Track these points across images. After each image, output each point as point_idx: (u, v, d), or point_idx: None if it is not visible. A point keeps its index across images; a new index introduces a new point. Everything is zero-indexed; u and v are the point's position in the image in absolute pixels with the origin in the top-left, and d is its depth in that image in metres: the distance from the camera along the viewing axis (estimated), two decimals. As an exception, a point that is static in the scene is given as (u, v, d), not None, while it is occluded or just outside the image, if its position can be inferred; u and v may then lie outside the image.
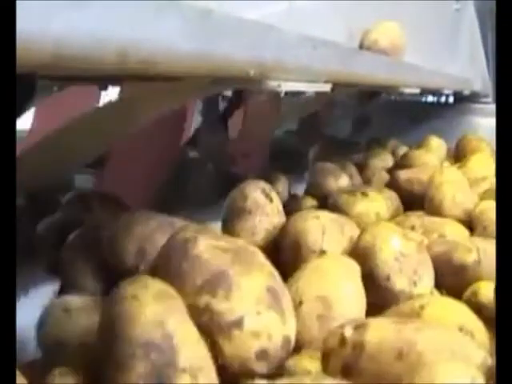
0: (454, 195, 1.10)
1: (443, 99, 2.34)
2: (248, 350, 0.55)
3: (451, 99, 2.32)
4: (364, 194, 1.12)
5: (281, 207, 0.95)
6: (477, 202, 1.11)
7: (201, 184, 1.57)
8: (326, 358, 0.60)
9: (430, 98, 2.40)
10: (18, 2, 0.30)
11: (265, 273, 0.60)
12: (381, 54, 1.00)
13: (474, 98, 2.21)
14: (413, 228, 0.99)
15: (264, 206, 0.91)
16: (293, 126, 2.19)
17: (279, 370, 0.58)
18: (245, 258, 0.60)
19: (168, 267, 0.60)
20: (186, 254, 0.59)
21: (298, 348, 0.64)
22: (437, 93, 2.15)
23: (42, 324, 0.66)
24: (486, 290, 0.74)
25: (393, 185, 1.30)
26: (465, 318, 0.65)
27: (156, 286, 0.54)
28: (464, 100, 2.22)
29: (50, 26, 0.31)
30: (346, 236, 0.87)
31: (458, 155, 1.68)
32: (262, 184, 0.93)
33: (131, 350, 0.49)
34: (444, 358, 0.53)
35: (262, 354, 0.55)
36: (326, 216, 0.87)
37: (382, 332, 0.56)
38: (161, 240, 0.67)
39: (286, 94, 0.62)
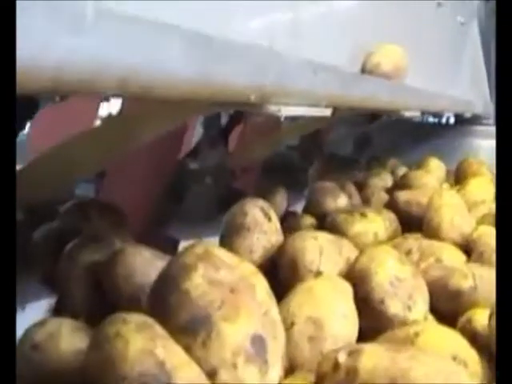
0: (452, 219, 1.10)
1: (444, 120, 2.35)
2: None
3: (452, 120, 2.32)
4: (363, 215, 1.12)
5: (279, 226, 0.95)
6: (475, 227, 1.11)
7: (200, 197, 1.57)
8: (319, 382, 0.60)
9: (431, 119, 2.40)
10: (18, 27, 0.30)
11: (254, 317, 0.57)
12: (383, 77, 1.01)
13: (475, 119, 2.22)
14: (410, 251, 0.99)
15: (262, 224, 0.91)
16: (294, 142, 2.19)
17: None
18: (237, 298, 0.57)
19: (160, 297, 0.59)
20: (177, 287, 0.58)
21: (290, 370, 0.64)
22: (438, 114, 2.15)
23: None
24: (481, 317, 0.74)
25: (392, 206, 1.30)
26: (459, 346, 0.65)
27: (134, 319, 0.53)
28: (465, 121, 2.22)
29: (51, 51, 0.32)
30: (343, 257, 0.87)
31: (458, 177, 1.68)
32: (261, 202, 0.94)
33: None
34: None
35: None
36: (323, 236, 0.87)
37: (375, 359, 0.56)
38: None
39: (286, 118, 0.62)
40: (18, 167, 1.07)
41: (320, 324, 0.68)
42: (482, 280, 0.82)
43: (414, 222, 1.21)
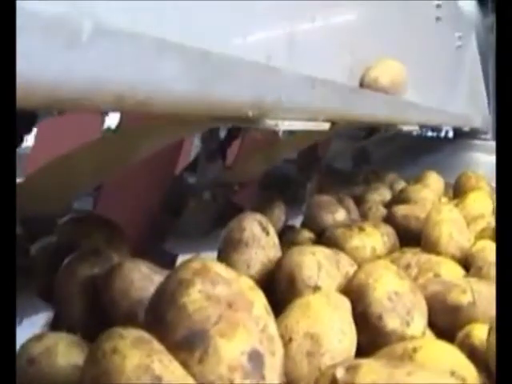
0: (450, 233, 1.10)
1: (443, 134, 2.35)
2: None
3: (451, 134, 2.33)
4: (361, 229, 1.12)
5: (277, 241, 0.94)
6: (473, 241, 1.11)
7: (197, 211, 1.57)
8: (317, 397, 0.59)
9: (430, 133, 2.41)
10: (17, 43, 0.30)
11: (251, 332, 0.57)
12: (381, 92, 1.01)
13: (473, 133, 2.22)
14: (408, 266, 0.99)
15: (260, 239, 0.91)
16: (292, 156, 2.19)
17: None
18: (234, 313, 0.57)
19: (157, 312, 0.59)
20: (175, 302, 0.57)
21: (288, 384, 0.64)
22: (436, 128, 2.16)
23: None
24: (480, 333, 0.74)
25: (390, 220, 1.30)
26: (457, 362, 0.65)
27: (131, 334, 0.53)
28: (464, 136, 2.23)
29: (48, 67, 0.32)
30: (341, 272, 0.87)
31: (456, 191, 1.68)
32: (259, 217, 0.93)
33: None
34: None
35: None
36: (321, 251, 0.87)
37: (373, 375, 0.56)
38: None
39: (284, 132, 0.62)
40: (17, 180, 1.07)
41: (318, 339, 0.68)
42: (480, 295, 0.82)
43: (412, 237, 1.21)
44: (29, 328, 0.78)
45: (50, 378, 0.64)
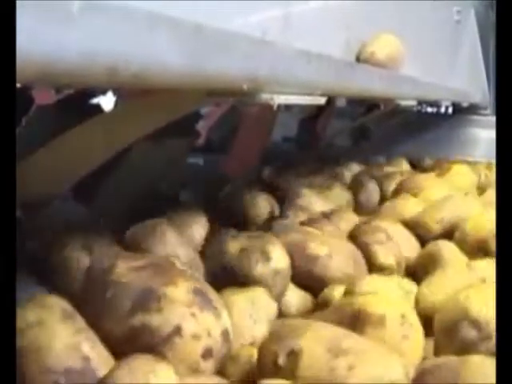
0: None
1: (442, 110, 2.34)
2: (193, 353, 0.57)
3: (450, 110, 2.32)
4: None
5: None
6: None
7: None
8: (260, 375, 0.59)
9: (429, 109, 2.40)
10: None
11: (188, 277, 0.62)
12: (378, 66, 1.00)
13: (472, 109, 2.21)
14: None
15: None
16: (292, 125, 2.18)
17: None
18: (165, 270, 0.62)
19: (93, 299, 0.61)
20: (107, 283, 0.61)
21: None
22: (435, 104, 2.15)
23: None
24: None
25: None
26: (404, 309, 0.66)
27: (60, 305, 0.55)
28: (463, 111, 2.22)
29: (38, 41, 0.32)
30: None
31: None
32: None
33: (53, 378, 0.51)
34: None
35: (207, 353, 0.57)
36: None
37: (314, 367, 0.56)
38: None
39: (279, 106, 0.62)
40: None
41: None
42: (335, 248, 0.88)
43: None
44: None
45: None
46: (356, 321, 0.63)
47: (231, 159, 1.75)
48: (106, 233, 0.86)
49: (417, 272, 0.93)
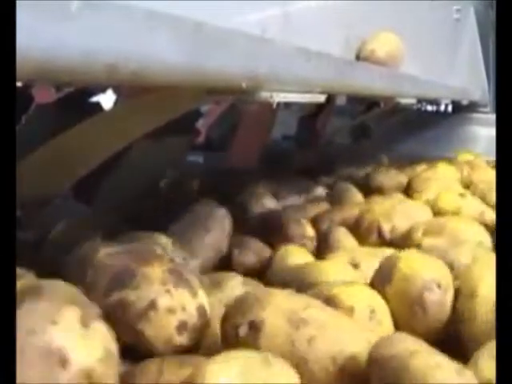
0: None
1: (442, 108, 2.34)
2: (168, 326, 0.59)
3: (450, 108, 2.32)
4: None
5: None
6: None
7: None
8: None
9: (429, 107, 2.40)
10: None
11: (164, 260, 0.64)
12: (378, 64, 1.00)
13: (472, 107, 2.21)
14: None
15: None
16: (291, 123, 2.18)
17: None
18: (143, 254, 0.65)
19: (80, 279, 0.63)
20: (90, 263, 0.64)
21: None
22: (435, 102, 2.15)
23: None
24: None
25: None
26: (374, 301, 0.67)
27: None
28: (463, 109, 2.22)
29: (37, 38, 0.32)
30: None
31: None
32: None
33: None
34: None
35: (182, 327, 0.59)
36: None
37: (275, 338, 0.56)
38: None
39: (279, 104, 0.62)
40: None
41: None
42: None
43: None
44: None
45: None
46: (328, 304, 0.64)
47: (231, 157, 1.76)
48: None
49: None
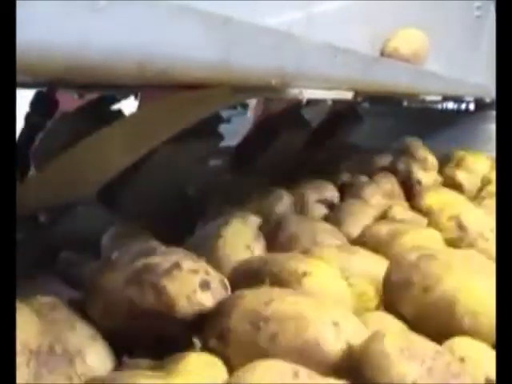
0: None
1: (464, 106, 2.33)
2: (191, 283, 0.60)
3: (472, 107, 2.30)
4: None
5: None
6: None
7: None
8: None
9: (451, 105, 2.38)
10: (23, 11, 0.29)
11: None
12: (402, 61, 0.99)
13: (494, 105, 2.19)
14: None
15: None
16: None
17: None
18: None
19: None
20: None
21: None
22: (458, 100, 2.13)
23: None
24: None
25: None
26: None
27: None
28: (485, 107, 2.20)
29: (63, 36, 0.31)
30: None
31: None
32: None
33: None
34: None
35: (205, 284, 0.60)
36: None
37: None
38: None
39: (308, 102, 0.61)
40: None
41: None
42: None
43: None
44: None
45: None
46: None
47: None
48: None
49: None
